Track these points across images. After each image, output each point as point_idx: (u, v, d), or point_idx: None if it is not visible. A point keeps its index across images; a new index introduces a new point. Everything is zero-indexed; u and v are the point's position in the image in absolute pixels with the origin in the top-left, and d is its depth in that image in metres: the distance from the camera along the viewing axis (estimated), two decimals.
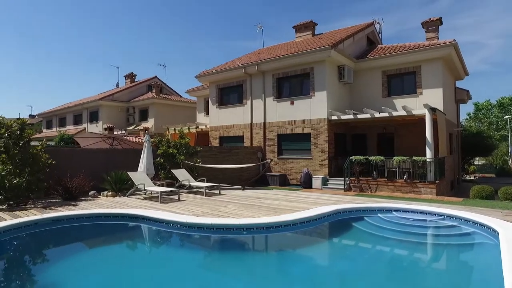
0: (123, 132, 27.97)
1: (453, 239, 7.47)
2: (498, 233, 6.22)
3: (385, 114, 14.39)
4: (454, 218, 8.14)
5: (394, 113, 14.29)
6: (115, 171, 12.44)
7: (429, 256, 6.86)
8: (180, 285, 5.07)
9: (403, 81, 16.25)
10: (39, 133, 37.85)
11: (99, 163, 13.03)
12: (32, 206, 9.65)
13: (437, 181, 12.76)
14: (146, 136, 13.27)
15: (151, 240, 8.03)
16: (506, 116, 37.65)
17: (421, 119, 13.74)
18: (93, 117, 31.98)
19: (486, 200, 11.33)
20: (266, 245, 7.47)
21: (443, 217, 8.41)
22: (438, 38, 16.46)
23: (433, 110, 13.24)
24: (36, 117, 44.20)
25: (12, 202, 9.58)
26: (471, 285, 5.22)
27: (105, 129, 24.69)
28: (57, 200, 10.81)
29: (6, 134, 9.81)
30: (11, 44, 78.86)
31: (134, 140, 20.27)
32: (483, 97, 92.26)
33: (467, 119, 48.84)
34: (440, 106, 14.66)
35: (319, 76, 15.83)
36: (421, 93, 15.37)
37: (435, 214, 8.65)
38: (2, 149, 9.84)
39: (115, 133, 24.87)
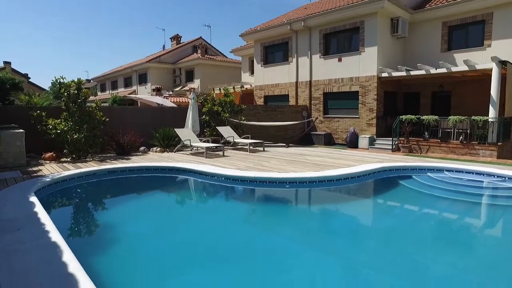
0: (170, 93, 28.79)
1: None
2: None
3: (443, 70, 13.18)
4: None
5: (453, 69, 13.01)
6: (163, 127, 12.96)
7: (484, 217, 6.44)
8: (222, 234, 5.26)
9: (467, 33, 14.55)
10: (94, 96, 40.29)
11: (148, 121, 13.62)
12: (91, 159, 10.48)
13: (499, 143, 11.67)
14: (192, 94, 13.47)
15: (196, 191, 8.37)
16: None
17: (487, 75, 12.37)
18: (142, 79, 33.16)
19: None
20: (308, 199, 7.45)
21: (504, 178, 7.75)
22: None
23: (503, 63, 11.80)
24: (92, 81, 46.83)
25: (74, 156, 10.50)
26: None
27: (153, 90, 25.62)
28: (111, 155, 11.58)
29: (66, 94, 10.57)
30: (73, 15, 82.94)
31: (179, 100, 20.86)
32: None
33: None
34: None
35: (369, 30, 14.73)
36: (489, 45, 13.70)
37: (494, 176, 7.98)
38: (63, 107, 10.69)
39: (162, 93, 25.73)
